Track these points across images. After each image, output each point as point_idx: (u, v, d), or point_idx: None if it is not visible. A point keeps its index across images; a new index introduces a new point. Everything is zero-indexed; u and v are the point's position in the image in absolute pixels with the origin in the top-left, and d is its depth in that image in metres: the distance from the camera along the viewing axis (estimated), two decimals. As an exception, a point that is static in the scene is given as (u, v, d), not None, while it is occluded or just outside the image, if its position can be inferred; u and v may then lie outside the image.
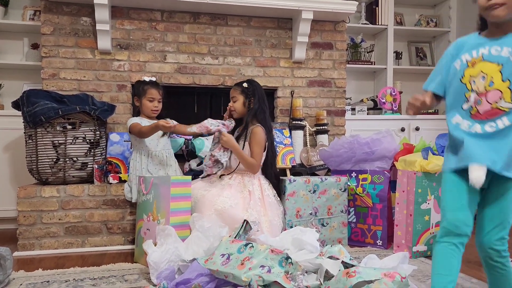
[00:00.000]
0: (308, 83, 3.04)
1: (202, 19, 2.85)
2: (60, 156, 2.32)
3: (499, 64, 1.23)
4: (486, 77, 1.24)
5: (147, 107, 2.36)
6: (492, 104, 1.23)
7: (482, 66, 1.25)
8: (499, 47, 1.24)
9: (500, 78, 1.22)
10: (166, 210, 1.92)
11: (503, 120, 1.22)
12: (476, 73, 1.26)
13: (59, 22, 2.65)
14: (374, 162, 2.43)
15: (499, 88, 1.22)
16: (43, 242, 2.28)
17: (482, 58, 1.26)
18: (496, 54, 1.24)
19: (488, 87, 1.24)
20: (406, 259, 1.63)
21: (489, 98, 1.24)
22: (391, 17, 3.76)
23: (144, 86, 2.36)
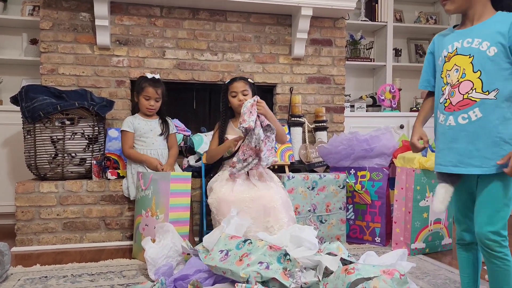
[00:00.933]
0: (307, 79, 3.04)
1: (201, 15, 2.84)
2: (58, 151, 2.31)
3: (471, 56, 1.25)
4: (459, 69, 1.26)
5: (143, 105, 2.34)
6: (464, 95, 1.25)
7: (456, 59, 1.28)
8: (470, 38, 1.26)
9: (471, 69, 1.24)
10: (165, 205, 1.92)
11: (475, 111, 1.23)
12: (451, 67, 1.28)
13: (58, 18, 2.63)
14: (373, 159, 2.43)
15: (470, 79, 1.24)
16: (41, 237, 2.28)
17: (456, 52, 1.28)
18: (468, 46, 1.26)
19: (460, 78, 1.25)
20: (405, 256, 1.63)
21: (461, 89, 1.25)
22: (391, 14, 3.74)
23: (142, 83, 2.34)
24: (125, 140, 2.29)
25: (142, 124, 2.34)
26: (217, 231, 1.72)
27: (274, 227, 1.89)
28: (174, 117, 2.78)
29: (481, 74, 1.22)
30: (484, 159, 1.22)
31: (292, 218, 1.99)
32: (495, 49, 1.21)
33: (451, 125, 1.27)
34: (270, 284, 1.42)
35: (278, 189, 2.05)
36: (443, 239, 2.26)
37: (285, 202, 2.00)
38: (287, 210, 1.98)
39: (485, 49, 1.22)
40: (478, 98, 1.22)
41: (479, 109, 1.22)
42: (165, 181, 1.94)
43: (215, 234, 1.70)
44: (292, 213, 2.03)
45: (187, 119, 2.88)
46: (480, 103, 1.22)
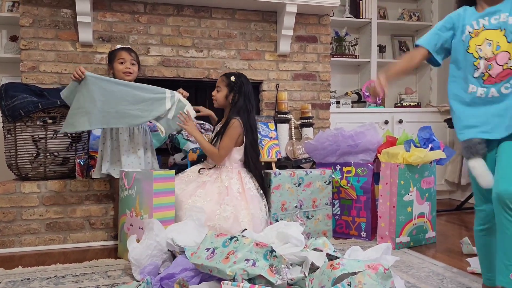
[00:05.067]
0: (293, 76, 3.04)
1: (186, 11, 2.82)
2: (40, 151, 2.27)
3: (502, 29, 1.30)
4: (492, 42, 1.31)
5: (119, 69, 2.22)
6: (503, 65, 1.30)
7: (486, 34, 1.32)
8: (497, 15, 1.31)
9: (505, 40, 1.30)
10: (149, 206, 1.90)
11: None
12: (482, 41, 1.33)
13: (38, 14, 2.57)
14: (358, 155, 2.45)
15: (507, 49, 1.29)
16: (23, 239, 2.23)
17: (484, 28, 1.33)
18: (496, 22, 1.32)
19: (495, 51, 1.30)
20: (389, 250, 1.65)
21: (499, 60, 1.30)
22: (375, 11, 3.78)
23: (114, 51, 2.28)
24: None
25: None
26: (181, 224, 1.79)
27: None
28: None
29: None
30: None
31: (210, 227, 1.99)
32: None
33: (495, 96, 1.32)
34: (256, 281, 1.42)
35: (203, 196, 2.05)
36: (427, 233, 2.30)
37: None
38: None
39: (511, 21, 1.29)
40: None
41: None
42: (148, 181, 1.92)
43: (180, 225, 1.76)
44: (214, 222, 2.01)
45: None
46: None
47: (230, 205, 2.05)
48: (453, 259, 2.01)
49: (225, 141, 2.16)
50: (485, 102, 1.34)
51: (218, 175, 2.17)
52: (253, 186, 2.19)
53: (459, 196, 3.60)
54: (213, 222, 2.00)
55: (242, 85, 2.23)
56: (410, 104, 3.80)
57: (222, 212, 2.02)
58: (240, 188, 2.14)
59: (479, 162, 1.33)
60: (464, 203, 3.19)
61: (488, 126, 1.33)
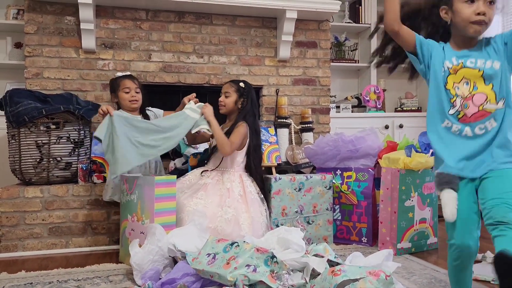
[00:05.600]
0: (293, 81, 3.06)
1: (187, 18, 2.85)
2: (43, 156, 2.29)
3: (480, 70, 1.31)
4: (469, 82, 1.31)
5: (125, 98, 2.28)
6: (479, 106, 1.30)
7: (464, 72, 1.32)
8: (473, 59, 1.32)
9: (483, 82, 1.30)
10: (151, 211, 1.91)
11: (491, 122, 1.30)
12: (459, 79, 1.33)
13: (43, 22, 2.61)
14: (359, 160, 2.46)
15: (484, 91, 1.30)
16: (26, 243, 2.25)
17: (462, 65, 1.33)
18: (472, 66, 1.32)
19: (472, 91, 1.31)
20: (391, 257, 1.66)
21: (475, 101, 1.30)
22: (374, 16, 3.79)
23: (117, 80, 2.32)
24: None
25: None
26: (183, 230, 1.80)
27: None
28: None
29: (493, 86, 1.30)
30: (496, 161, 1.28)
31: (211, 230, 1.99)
32: (498, 63, 1.30)
33: (468, 136, 1.32)
34: (257, 287, 1.43)
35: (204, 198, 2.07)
36: (428, 238, 2.30)
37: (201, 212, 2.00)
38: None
39: (489, 66, 1.30)
40: (492, 109, 1.29)
41: (494, 119, 1.30)
42: (150, 186, 1.93)
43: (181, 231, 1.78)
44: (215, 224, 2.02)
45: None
46: (494, 113, 1.30)
47: (231, 208, 2.06)
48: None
49: (234, 137, 2.17)
50: (460, 139, 1.33)
51: (220, 178, 2.19)
52: (254, 190, 2.21)
53: (460, 200, 3.61)
54: (214, 224, 2.01)
55: (249, 91, 2.28)
56: (411, 108, 3.81)
57: (224, 214, 2.04)
58: (241, 191, 2.15)
59: (447, 194, 1.30)
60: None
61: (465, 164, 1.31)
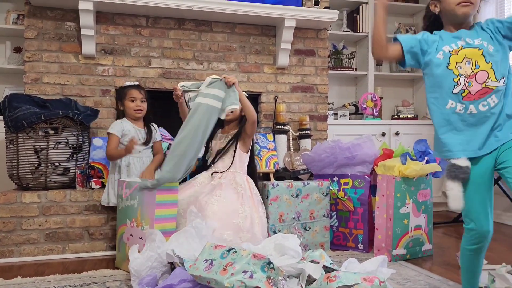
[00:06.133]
0: (291, 88, 3.09)
1: (187, 25, 2.87)
2: (41, 161, 2.30)
3: (480, 49, 1.38)
4: (471, 61, 1.38)
5: (130, 107, 2.36)
6: (482, 84, 1.37)
7: (465, 52, 1.39)
8: (470, 38, 1.40)
9: (484, 60, 1.37)
10: (151, 217, 1.92)
11: (492, 98, 1.37)
12: (461, 59, 1.39)
13: (43, 27, 2.63)
14: (355, 167, 2.48)
15: (485, 69, 1.37)
16: (22, 249, 2.25)
17: (462, 47, 1.40)
18: (472, 43, 1.39)
19: (475, 69, 1.37)
20: (385, 263, 1.67)
21: (478, 79, 1.37)
22: (372, 25, 3.84)
23: (125, 89, 2.40)
24: (111, 142, 2.29)
25: (132, 130, 2.35)
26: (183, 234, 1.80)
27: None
28: (160, 125, 2.78)
29: (492, 65, 1.37)
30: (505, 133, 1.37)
31: (233, 227, 2.03)
32: (492, 46, 1.38)
33: (473, 113, 1.38)
34: (254, 292, 1.44)
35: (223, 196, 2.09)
36: (423, 245, 2.32)
37: (224, 210, 2.04)
38: (224, 218, 2.03)
39: (486, 46, 1.38)
40: (494, 86, 1.36)
41: (495, 95, 1.36)
42: (151, 192, 1.94)
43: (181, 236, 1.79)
44: (237, 220, 2.05)
45: (173, 128, 2.88)
46: (496, 90, 1.36)
47: (247, 206, 2.12)
48: (450, 272, 2.02)
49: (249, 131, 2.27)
50: (465, 117, 1.39)
51: (233, 178, 2.21)
52: (257, 192, 2.27)
53: (456, 208, 3.63)
54: (237, 220, 2.04)
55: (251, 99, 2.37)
56: (407, 116, 3.85)
57: (243, 211, 2.09)
58: (249, 192, 2.20)
59: (457, 187, 1.38)
60: (461, 215, 3.19)
61: (473, 145, 1.38)
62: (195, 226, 1.86)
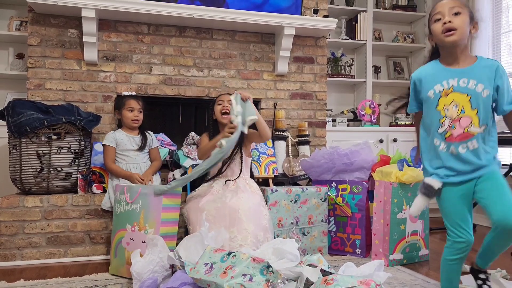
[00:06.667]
0: (290, 95, 3.14)
1: (187, 32, 2.92)
2: (44, 166, 2.33)
3: (468, 95, 1.44)
4: (458, 105, 1.45)
5: (127, 117, 2.41)
6: (464, 128, 1.44)
7: (454, 96, 1.45)
8: (466, 79, 1.45)
9: (470, 106, 1.43)
10: (156, 220, 1.96)
11: (472, 142, 1.44)
12: (449, 102, 1.46)
13: (46, 34, 2.67)
14: (353, 173, 2.52)
15: (470, 115, 1.43)
16: (24, 252, 2.27)
17: (453, 89, 1.46)
18: (464, 86, 1.45)
19: (460, 114, 1.44)
20: (382, 267, 1.70)
21: (462, 123, 1.44)
22: (370, 33, 3.90)
23: (123, 98, 2.45)
24: (108, 154, 2.36)
25: (125, 139, 2.39)
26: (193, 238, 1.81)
27: (237, 237, 1.97)
28: (161, 131, 2.83)
29: (478, 112, 1.43)
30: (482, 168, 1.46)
31: (263, 227, 2.06)
32: (487, 91, 1.42)
33: (453, 153, 1.47)
34: (253, 295, 1.47)
35: (248, 198, 2.12)
36: (420, 250, 2.35)
37: (254, 211, 2.08)
38: (256, 219, 2.05)
39: (480, 90, 1.42)
40: (475, 132, 1.44)
41: (476, 140, 1.44)
42: (157, 195, 2.00)
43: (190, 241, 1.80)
44: (265, 221, 2.10)
45: (173, 134, 2.94)
46: (476, 136, 1.44)
47: (265, 208, 2.20)
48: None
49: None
50: (446, 155, 1.49)
51: (246, 183, 2.24)
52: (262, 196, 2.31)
53: (453, 214, 3.66)
54: (263, 221, 2.09)
55: None
56: (405, 123, 3.89)
57: (266, 213, 2.16)
58: (260, 194, 2.27)
59: (424, 200, 1.52)
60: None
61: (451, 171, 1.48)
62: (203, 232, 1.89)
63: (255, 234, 1.99)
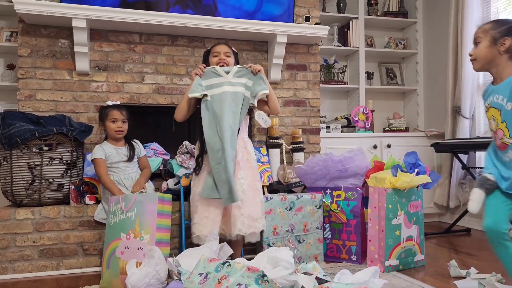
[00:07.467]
0: (284, 102, 3.14)
1: (180, 41, 2.92)
2: (35, 177, 2.30)
3: (499, 109, 1.61)
4: (495, 119, 1.64)
5: (111, 128, 2.37)
6: (500, 139, 1.62)
7: (491, 111, 1.66)
8: (497, 95, 1.62)
9: (500, 120, 1.61)
10: (152, 225, 1.97)
11: (509, 152, 1.60)
12: (489, 116, 1.67)
13: (36, 44, 2.66)
14: (348, 179, 2.51)
15: (502, 127, 1.61)
16: (16, 265, 2.24)
17: (490, 105, 1.66)
18: (496, 102, 1.62)
19: (496, 127, 1.63)
20: (377, 274, 1.70)
21: (498, 135, 1.63)
22: (362, 40, 3.93)
23: (106, 109, 2.40)
24: (101, 167, 2.31)
25: (113, 152, 2.37)
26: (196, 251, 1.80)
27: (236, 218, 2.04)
28: (154, 140, 2.81)
29: (506, 124, 1.59)
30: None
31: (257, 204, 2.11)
32: (510, 104, 1.56)
33: (505, 160, 1.64)
34: (248, 305, 1.45)
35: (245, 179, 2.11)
36: (415, 256, 2.34)
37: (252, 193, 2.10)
38: (252, 199, 2.09)
39: (504, 104, 1.58)
40: (508, 142, 1.59)
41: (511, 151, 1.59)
42: (152, 202, 2.01)
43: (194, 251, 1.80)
44: (258, 198, 2.14)
45: (166, 143, 2.92)
46: (511, 146, 1.58)
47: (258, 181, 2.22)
48: (442, 282, 2.05)
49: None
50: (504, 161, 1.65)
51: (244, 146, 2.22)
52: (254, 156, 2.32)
53: (448, 219, 3.67)
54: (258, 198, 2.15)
55: None
56: (398, 128, 3.91)
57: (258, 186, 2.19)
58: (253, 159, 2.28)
59: (480, 193, 1.62)
60: (452, 225, 3.24)
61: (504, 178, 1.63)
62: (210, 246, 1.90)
63: (250, 217, 2.06)
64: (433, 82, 3.95)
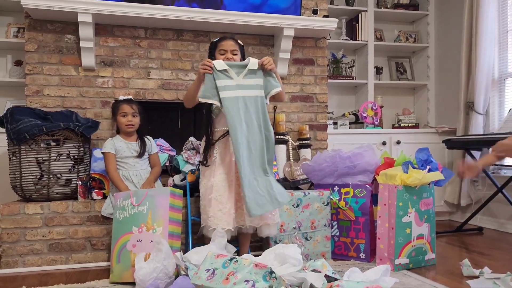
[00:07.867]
0: (290, 98, 3.10)
1: (185, 36, 2.90)
2: (44, 172, 2.31)
3: None
4: None
5: (121, 122, 2.37)
6: None
7: None
8: None
9: None
10: (164, 218, 1.99)
11: None
12: None
13: (43, 40, 2.66)
14: (356, 176, 2.48)
15: None
16: (26, 259, 2.25)
17: None
18: None
19: None
20: (388, 272, 1.67)
21: None
22: (371, 33, 3.87)
23: (117, 104, 2.41)
24: (110, 161, 2.32)
25: (124, 146, 2.36)
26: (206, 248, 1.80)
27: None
28: (159, 136, 2.80)
29: None
30: None
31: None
32: None
33: None
34: (255, 303, 1.43)
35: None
36: (426, 254, 2.30)
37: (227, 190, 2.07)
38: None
39: None
40: None
41: None
42: (164, 195, 2.04)
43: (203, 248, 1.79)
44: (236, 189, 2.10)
45: (172, 139, 2.90)
46: None
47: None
48: (453, 281, 2.01)
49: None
50: None
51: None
52: None
53: (459, 217, 3.61)
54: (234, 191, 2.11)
55: None
56: (408, 125, 3.85)
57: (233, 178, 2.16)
58: None
59: None
60: (464, 224, 3.17)
61: None
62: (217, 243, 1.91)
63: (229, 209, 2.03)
64: (445, 77, 3.87)
